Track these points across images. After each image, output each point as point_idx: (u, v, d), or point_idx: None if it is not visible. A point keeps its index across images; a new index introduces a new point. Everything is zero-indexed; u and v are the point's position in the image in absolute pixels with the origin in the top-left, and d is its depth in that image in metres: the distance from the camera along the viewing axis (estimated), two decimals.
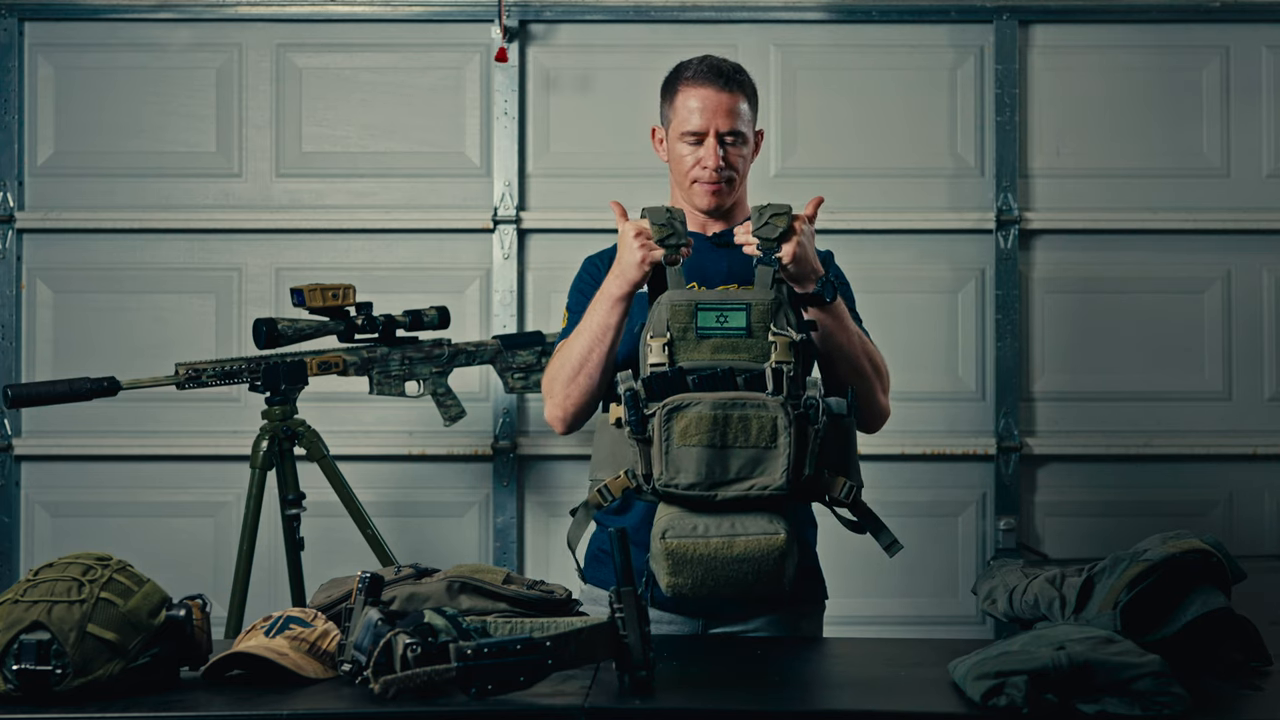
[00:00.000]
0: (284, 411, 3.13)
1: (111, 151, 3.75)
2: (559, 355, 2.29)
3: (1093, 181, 3.74)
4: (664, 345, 2.09)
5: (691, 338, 2.09)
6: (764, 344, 2.09)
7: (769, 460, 2.02)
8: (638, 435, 2.04)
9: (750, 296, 2.12)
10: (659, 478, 2.03)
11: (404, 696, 1.64)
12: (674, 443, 2.02)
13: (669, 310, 2.11)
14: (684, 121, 2.34)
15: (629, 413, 2.04)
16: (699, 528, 2.02)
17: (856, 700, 1.81)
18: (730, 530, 2.02)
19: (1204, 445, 3.73)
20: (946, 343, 3.75)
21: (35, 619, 1.70)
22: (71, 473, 3.73)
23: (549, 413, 2.31)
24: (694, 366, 2.07)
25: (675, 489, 2.02)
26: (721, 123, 2.32)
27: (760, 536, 2.01)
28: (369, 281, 3.53)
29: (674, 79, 2.40)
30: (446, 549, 3.67)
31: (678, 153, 2.36)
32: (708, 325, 2.10)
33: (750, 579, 2.02)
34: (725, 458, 2.02)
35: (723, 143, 2.33)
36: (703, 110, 2.33)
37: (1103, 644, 1.68)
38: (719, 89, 2.33)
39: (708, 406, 2.02)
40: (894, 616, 3.70)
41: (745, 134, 2.35)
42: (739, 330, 2.10)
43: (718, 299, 2.12)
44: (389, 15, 3.75)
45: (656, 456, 2.03)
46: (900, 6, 3.73)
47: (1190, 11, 3.73)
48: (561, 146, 3.76)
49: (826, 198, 2.35)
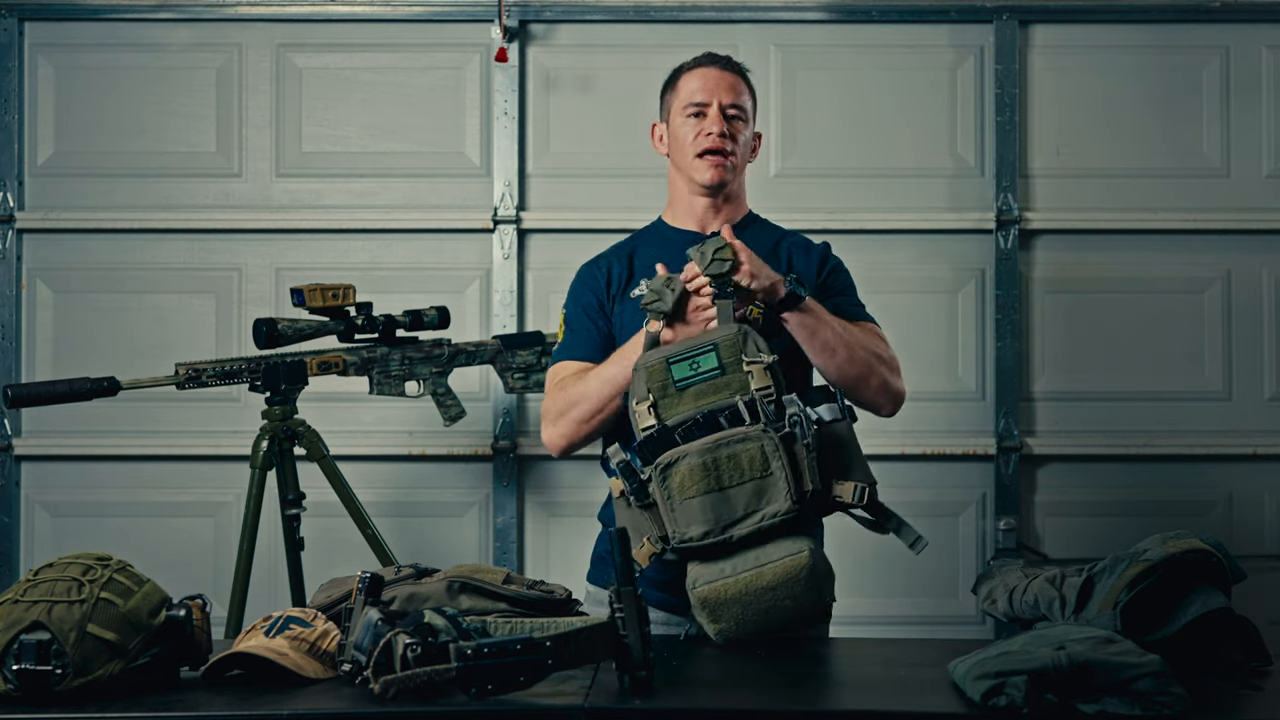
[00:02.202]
0: (284, 411, 3.12)
1: (111, 151, 3.75)
2: (569, 388, 2.31)
3: (1093, 181, 3.74)
4: (649, 408, 2.11)
5: (673, 392, 2.11)
6: (741, 376, 2.11)
7: (770, 489, 2.04)
8: (642, 503, 2.07)
9: (715, 336, 2.14)
10: (672, 536, 2.05)
11: (404, 696, 1.64)
12: (675, 499, 2.04)
13: (645, 374, 2.13)
14: (687, 98, 2.39)
15: (628, 484, 2.07)
16: (726, 569, 2.04)
17: (856, 700, 1.82)
18: (756, 562, 2.03)
19: (1204, 445, 3.73)
20: (946, 343, 3.75)
21: (35, 619, 1.70)
22: (71, 473, 3.73)
23: (549, 437, 2.34)
24: (679, 420, 2.09)
25: (690, 543, 2.04)
26: (724, 95, 2.38)
27: (786, 560, 2.02)
28: (369, 281, 3.53)
29: (675, 73, 2.46)
30: (446, 549, 3.67)
31: (679, 132, 2.39)
32: (683, 375, 2.12)
33: (789, 603, 2.03)
34: (728, 498, 2.04)
35: (725, 116, 2.36)
36: (704, 86, 2.38)
37: (1103, 644, 1.68)
38: (721, 69, 2.40)
39: (695, 455, 2.04)
40: (894, 616, 3.70)
41: (746, 112, 2.40)
42: (714, 371, 2.11)
43: (684, 349, 2.14)
44: (389, 15, 3.75)
45: (665, 515, 2.06)
46: (900, 6, 3.73)
47: (1190, 11, 3.73)
48: (561, 146, 3.76)
49: (827, 198, 2.35)
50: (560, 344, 2.42)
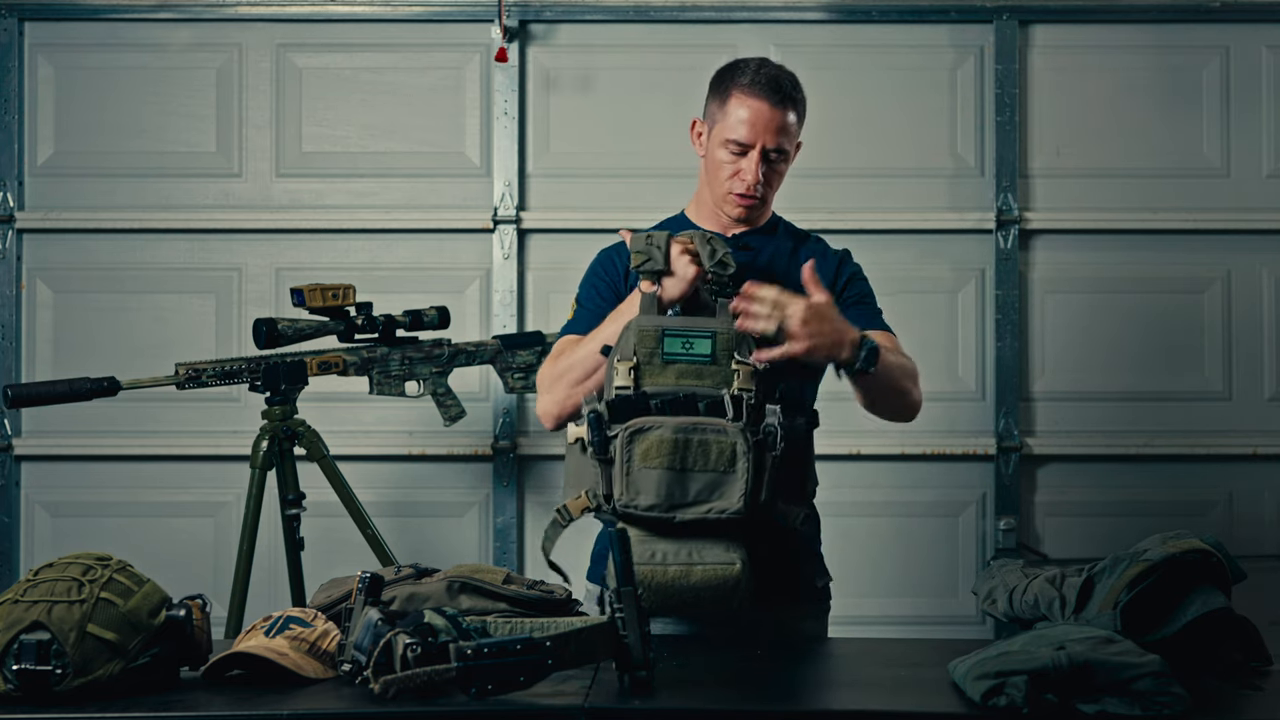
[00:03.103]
0: (284, 411, 3.12)
1: (111, 151, 3.75)
2: (565, 354, 2.28)
3: (1093, 181, 3.74)
4: (630, 369, 2.11)
5: (657, 363, 2.12)
6: (727, 371, 2.11)
7: (727, 485, 2.05)
8: (600, 456, 2.07)
9: (716, 324, 2.14)
10: (619, 498, 2.06)
11: (404, 696, 1.64)
12: (635, 464, 2.05)
13: (636, 335, 2.13)
14: (731, 129, 2.30)
15: (592, 434, 2.07)
16: (658, 554, 2.05)
17: (856, 700, 1.81)
18: (688, 559, 2.05)
19: (1204, 445, 3.73)
20: (946, 343, 3.75)
21: (35, 619, 1.69)
22: (71, 473, 3.73)
23: (543, 407, 2.31)
24: (657, 391, 2.10)
25: (635, 509, 2.05)
26: (769, 139, 2.29)
27: (716, 566, 2.04)
28: (369, 281, 3.53)
29: (728, 80, 2.34)
30: (446, 549, 3.67)
31: (717, 158, 2.33)
32: (673, 351, 2.12)
33: (708, 604, 2.06)
34: (684, 481, 2.05)
35: (766, 158, 2.30)
36: (752, 125, 2.29)
37: (1103, 644, 1.68)
38: (773, 105, 2.29)
39: (669, 430, 2.04)
40: (894, 616, 3.70)
41: (788, 151, 2.34)
42: (704, 357, 2.12)
43: (684, 325, 2.14)
44: (389, 15, 3.75)
45: (618, 477, 2.06)
46: (900, 6, 3.73)
47: (1190, 11, 3.73)
48: (561, 146, 3.76)
49: (827, 198, 2.36)
50: (567, 322, 2.40)
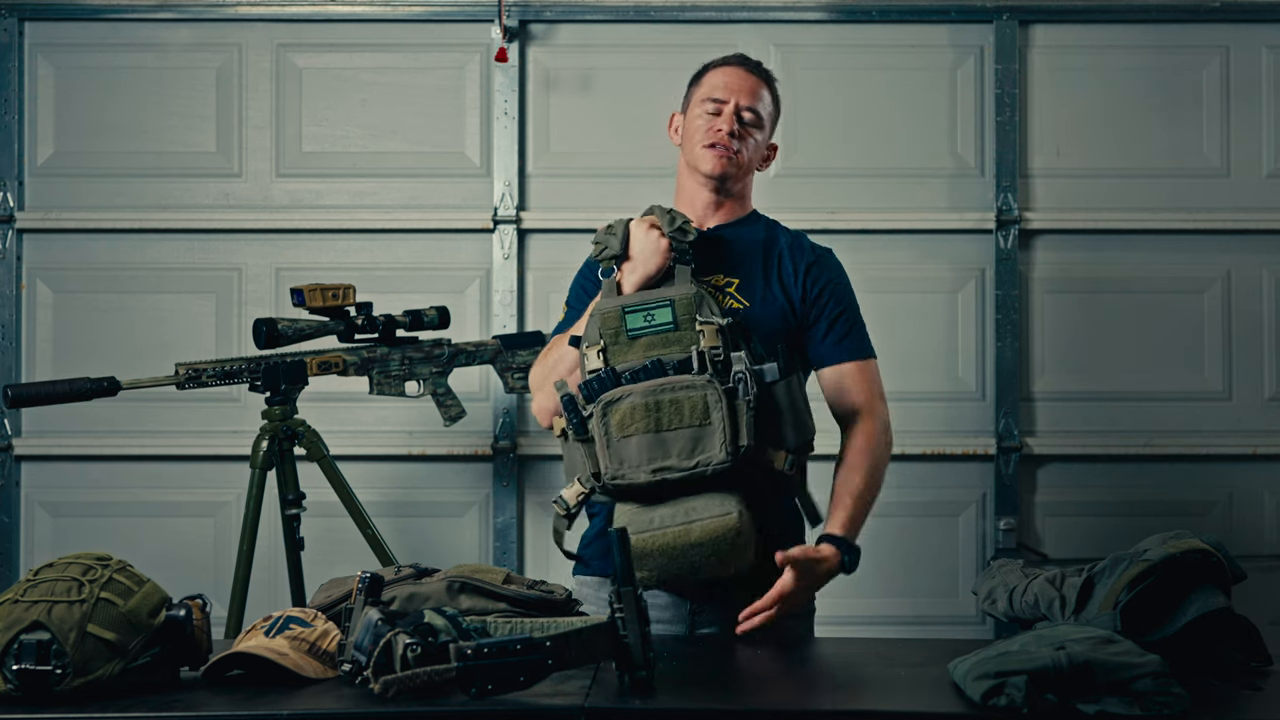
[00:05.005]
0: (284, 411, 3.12)
1: (111, 151, 3.75)
2: (554, 351, 2.32)
3: (1093, 181, 3.74)
4: (599, 352, 2.17)
5: (624, 340, 2.18)
6: (692, 334, 2.16)
7: (707, 437, 2.09)
8: (580, 437, 2.13)
9: (673, 292, 2.20)
10: (606, 472, 2.10)
11: (404, 696, 1.64)
12: (613, 436, 2.10)
13: (600, 319, 2.19)
14: (707, 92, 2.41)
15: (569, 416, 2.13)
16: (654, 520, 2.08)
17: (856, 700, 1.82)
18: (685, 518, 2.08)
19: (1204, 445, 3.73)
20: (946, 343, 3.75)
21: (35, 619, 1.70)
22: (71, 473, 3.73)
23: (538, 406, 2.35)
24: (627, 366, 2.15)
25: (622, 480, 2.09)
26: (744, 98, 2.39)
27: (713, 520, 2.07)
28: (369, 281, 3.53)
29: (703, 67, 2.48)
30: (446, 549, 3.67)
31: (693, 124, 2.41)
32: (636, 325, 2.18)
33: (713, 560, 2.08)
34: (664, 441, 2.09)
35: (740, 119, 2.38)
36: (726, 85, 2.40)
37: (1103, 644, 1.68)
38: (747, 71, 2.43)
39: (639, 396, 2.10)
40: (894, 616, 3.69)
41: (762, 119, 2.41)
42: (667, 325, 2.17)
43: (640, 300, 2.20)
44: (389, 15, 3.74)
45: (600, 452, 2.11)
46: (900, 6, 3.73)
47: (1190, 11, 3.73)
48: (561, 146, 3.76)
49: (826, 198, 2.38)
50: (558, 323, 2.45)
